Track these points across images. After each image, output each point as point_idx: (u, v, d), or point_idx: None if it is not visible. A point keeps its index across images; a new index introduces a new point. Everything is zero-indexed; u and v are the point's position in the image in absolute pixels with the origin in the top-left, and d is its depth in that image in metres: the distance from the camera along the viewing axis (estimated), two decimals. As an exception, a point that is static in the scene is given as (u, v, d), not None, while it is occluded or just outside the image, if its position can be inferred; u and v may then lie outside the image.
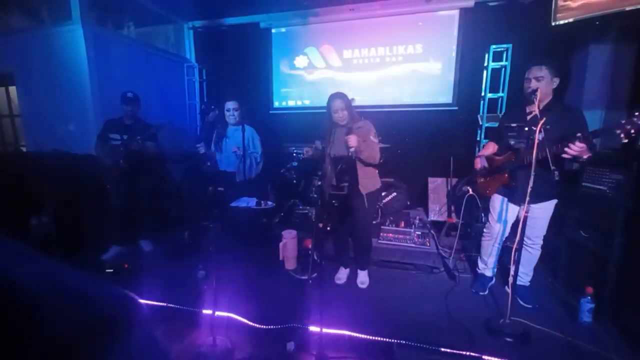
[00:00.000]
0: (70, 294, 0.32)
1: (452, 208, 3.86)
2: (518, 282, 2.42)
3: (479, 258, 2.67)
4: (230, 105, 3.05)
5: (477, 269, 2.68)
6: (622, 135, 1.65)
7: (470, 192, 2.75)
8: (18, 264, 0.31)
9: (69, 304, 0.31)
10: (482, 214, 3.33)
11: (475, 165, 2.51)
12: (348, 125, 2.43)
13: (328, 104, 2.47)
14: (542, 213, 2.23)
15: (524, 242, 2.16)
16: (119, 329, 0.34)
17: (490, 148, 2.51)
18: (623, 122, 1.65)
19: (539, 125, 1.84)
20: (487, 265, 2.58)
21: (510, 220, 2.42)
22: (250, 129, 3.16)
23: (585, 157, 1.87)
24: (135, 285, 2.61)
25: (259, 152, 3.21)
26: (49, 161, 3.28)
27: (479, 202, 3.16)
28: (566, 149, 1.85)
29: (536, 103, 1.96)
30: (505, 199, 2.39)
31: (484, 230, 2.59)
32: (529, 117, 2.24)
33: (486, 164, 2.42)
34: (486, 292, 2.55)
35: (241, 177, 3.07)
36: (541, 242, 2.34)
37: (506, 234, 2.48)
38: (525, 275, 2.42)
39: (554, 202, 2.25)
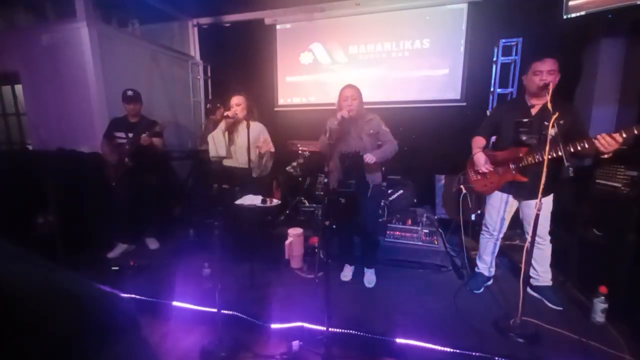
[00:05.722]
0: (61, 295, 0.32)
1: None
2: (540, 283, 2.37)
3: (477, 257, 2.61)
4: (234, 100, 2.91)
5: (475, 268, 2.62)
6: None
7: (464, 190, 2.66)
8: (9, 264, 0.31)
9: (60, 304, 0.31)
10: (472, 213, 3.26)
11: (477, 162, 2.36)
12: (358, 119, 2.44)
13: (340, 93, 2.47)
14: (544, 208, 2.17)
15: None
16: (108, 330, 0.35)
17: (481, 142, 2.45)
18: None
19: (552, 120, 1.80)
20: (486, 264, 2.53)
21: (509, 216, 2.38)
22: (259, 125, 2.97)
23: (608, 155, 1.85)
24: (140, 283, 2.63)
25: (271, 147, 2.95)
26: (54, 159, 3.29)
27: (469, 200, 3.07)
28: (599, 136, 1.81)
29: (548, 97, 1.90)
30: (504, 195, 2.34)
31: (483, 227, 2.53)
32: (534, 112, 2.18)
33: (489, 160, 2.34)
34: (481, 291, 2.51)
35: (257, 173, 2.92)
36: (549, 237, 2.29)
37: (504, 230, 2.43)
38: (544, 273, 2.36)
39: (552, 196, 2.22)
